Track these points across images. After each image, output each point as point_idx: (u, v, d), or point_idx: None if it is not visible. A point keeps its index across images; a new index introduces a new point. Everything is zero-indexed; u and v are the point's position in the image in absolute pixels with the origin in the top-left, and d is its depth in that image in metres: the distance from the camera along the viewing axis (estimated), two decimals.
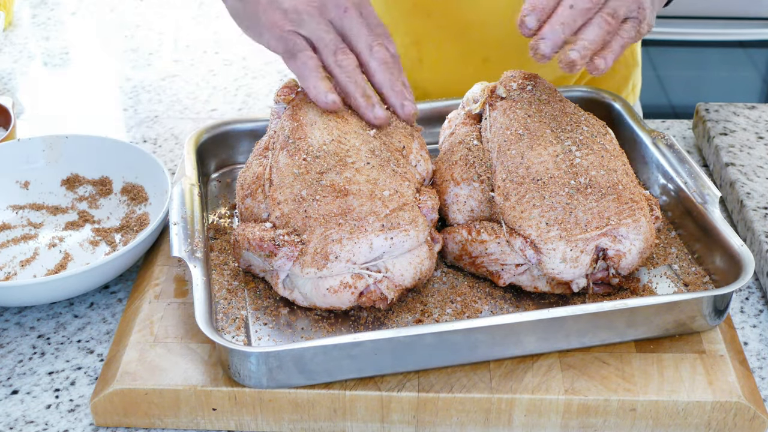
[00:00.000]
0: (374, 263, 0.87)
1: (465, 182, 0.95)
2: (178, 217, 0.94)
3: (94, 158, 1.13)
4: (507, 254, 0.90)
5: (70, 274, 0.91)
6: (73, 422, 0.85)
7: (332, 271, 0.86)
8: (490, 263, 0.92)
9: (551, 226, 0.87)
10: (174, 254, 0.90)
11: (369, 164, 0.89)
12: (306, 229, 0.87)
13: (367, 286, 0.87)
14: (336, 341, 0.80)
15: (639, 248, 0.89)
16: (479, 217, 0.94)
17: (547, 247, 0.87)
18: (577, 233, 0.87)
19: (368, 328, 0.88)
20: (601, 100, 1.16)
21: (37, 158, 1.12)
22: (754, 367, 0.90)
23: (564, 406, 0.81)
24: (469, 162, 0.96)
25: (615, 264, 0.89)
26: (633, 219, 0.89)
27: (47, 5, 1.79)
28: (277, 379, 0.81)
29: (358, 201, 0.87)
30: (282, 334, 0.88)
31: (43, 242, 1.05)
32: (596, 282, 0.91)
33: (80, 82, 1.52)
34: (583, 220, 0.87)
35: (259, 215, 0.92)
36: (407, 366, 0.83)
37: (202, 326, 0.81)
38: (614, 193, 0.89)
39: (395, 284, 0.88)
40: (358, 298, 0.87)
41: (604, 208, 0.88)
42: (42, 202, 1.11)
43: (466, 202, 0.95)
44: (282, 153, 0.92)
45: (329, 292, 0.87)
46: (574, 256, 0.87)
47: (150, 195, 1.08)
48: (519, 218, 0.89)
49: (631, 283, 0.92)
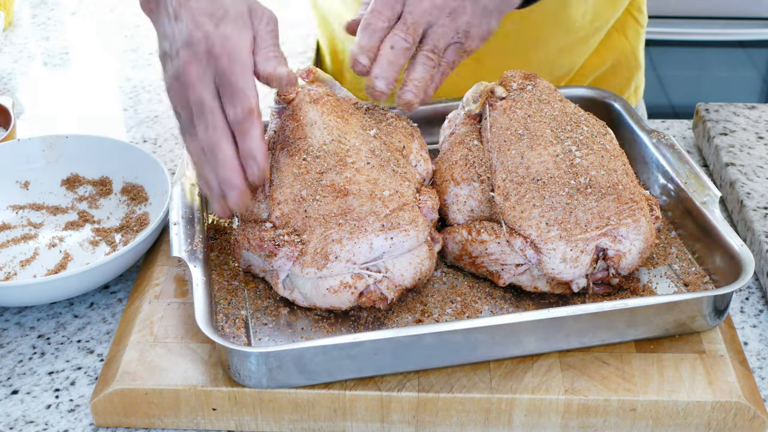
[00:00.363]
0: (374, 263, 0.87)
1: (465, 182, 0.95)
2: (178, 217, 0.94)
3: (94, 158, 1.13)
4: (507, 254, 0.90)
5: (69, 274, 0.91)
6: (73, 422, 0.85)
7: (332, 271, 0.86)
8: (490, 263, 0.92)
9: (551, 226, 0.87)
10: (174, 254, 0.90)
11: (369, 164, 0.89)
12: (306, 229, 0.87)
13: (367, 286, 0.87)
14: (336, 341, 0.80)
15: (639, 248, 0.89)
16: (479, 217, 0.94)
17: (547, 247, 0.87)
18: (577, 233, 0.87)
19: (368, 328, 0.88)
20: (601, 100, 1.16)
21: (37, 158, 1.12)
22: (754, 367, 0.90)
23: (564, 406, 0.81)
24: (469, 162, 0.96)
25: (615, 264, 0.89)
26: (633, 219, 0.89)
27: (47, 5, 1.79)
28: (277, 379, 0.81)
29: (358, 201, 0.87)
30: (282, 334, 0.88)
31: (43, 242, 1.05)
32: (596, 282, 0.91)
33: (80, 82, 1.51)
34: (583, 220, 0.87)
35: (259, 215, 0.92)
36: (407, 366, 0.83)
37: (202, 326, 0.81)
38: (614, 193, 0.89)
39: (395, 284, 0.88)
40: (358, 298, 0.87)
41: (604, 208, 0.88)
42: (42, 202, 1.11)
43: (466, 202, 0.95)
44: (282, 153, 0.92)
45: (329, 292, 0.87)
46: (574, 256, 0.87)
47: (150, 195, 1.08)
48: (519, 218, 0.89)
49: (631, 283, 0.92)
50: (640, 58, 1.38)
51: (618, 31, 1.34)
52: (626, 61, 1.36)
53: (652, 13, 1.49)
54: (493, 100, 0.99)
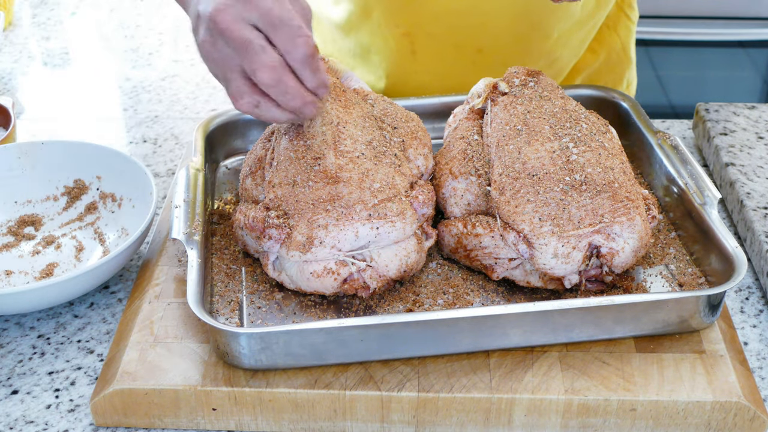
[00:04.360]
0: (360, 252, 0.88)
1: (462, 176, 0.95)
2: (181, 201, 0.95)
3: (71, 163, 1.10)
4: (500, 248, 0.90)
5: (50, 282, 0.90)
6: (73, 422, 0.85)
7: (317, 256, 0.87)
8: (484, 257, 0.92)
9: (544, 222, 0.87)
10: (173, 236, 0.91)
11: (363, 155, 0.91)
12: (295, 213, 0.88)
13: (350, 273, 0.88)
14: (320, 325, 0.81)
15: (633, 247, 0.89)
16: (476, 210, 0.95)
17: (539, 242, 0.87)
18: (570, 229, 0.87)
19: (359, 315, 0.89)
20: (610, 100, 1.16)
21: (13, 166, 1.09)
22: (754, 367, 0.90)
23: (564, 406, 0.81)
24: (467, 156, 0.96)
25: (608, 262, 0.89)
26: (628, 217, 0.88)
27: (47, 5, 1.79)
28: (264, 360, 0.82)
29: (347, 189, 0.88)
30: (274, 318, 0.89)
31: (27, 249, 1.04)
32: (590, 279, 0.91)
33: (80, 82, 1.52)
34: (576, 217, 0.87)
35: (257, 197, 0.94)
36: (394, 353, 0.84)
37: (193, 306, 0.82)
38: (609, 190, 0.89)
39: (379, 274, 0.89)
40: (341, 285, 0.89)
41: (598, 206, 0.88)
42: (25, 210, 1.09)
43: (463, 195, 0.95)
44: (284, 138, 0.94)
45: (313, 276, 0.88)
46: (566, 252, 0.87)
47: (133, 197, 1.06)
48: (513, 213, 0.89)
49: (624, 282, 0.92)
50: (631, 55, 1.40)
51: (610, 28, 1.36)
52: (618, 57, 1.38)
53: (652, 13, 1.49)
54: (495, 96, 0.99)
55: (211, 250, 0.97)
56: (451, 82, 1.22)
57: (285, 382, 0.82)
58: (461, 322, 0.83)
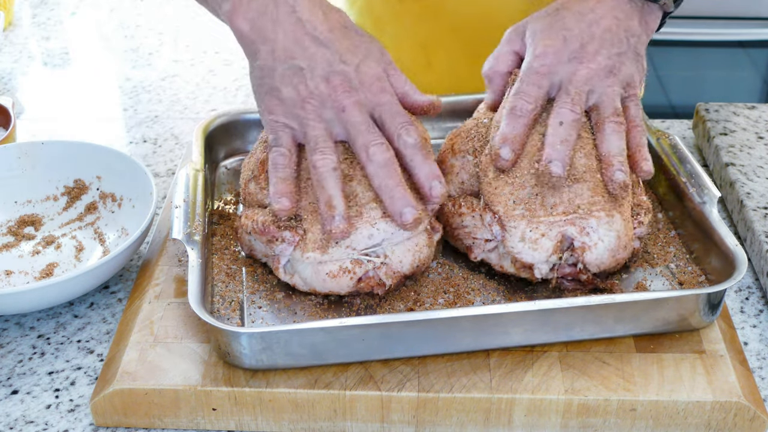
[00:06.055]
0: (374, 249, 0.88)
1: (460, 154, 0.96)
2: (181, 201, 0.95)
3: (71, 163, 1.10)
4: (478, 228, 0.91)
5: (50, 282, 0.90)
6: (73, 422, 0.85)
7: (332, 257, 0.87)
8: (465, 236, 0.93)
9: (518, 205, 0.88)
10: (174, 236, 0.91)
11: None
12: (308, 215, 0.88)
13: (366, 272, 0.88)
14: (321, 325, 0.81)
15: (609, 245, 0.88)
16: (468, 190, 0.95)
17: (509, 225, 0.88)
18: (541, 215, 0.87)
19: (360, 315, 0.89)
20: None
21: (13, 166, 1.09)
22: (754, 367, 0.90)
23: (564, 406, 0.81)
24: (470, 135, 0.96)
25: (579, 256, 0.88)
26: (606, 213, 0.88)
27: (47, 5, 1.79)
28: (265, 360, 0.82)
29: (360, 188, 0.88)
30: (275, 318, 0.89)
31: (27, 249, 1.04)
32: (565, 277, 0.90)
33: (80, 82, 1.52)
34: (549, 203, 0.87)
35: (262, 200, 0.93)
36: (394, 353, 0.83)
37: (194, 307, 0.82)
38: (591, 180, 0.88)
39: (393, 271, 0.89)
40: (356, 284, 0.88)
41: (575, 195, 0.88)
42: (25, 210, 1.09)
43: (458, 173, 0.96)
44: None
45: (329, 276, 0.88)
46: (534, 237, 0.87)
47: (133, 197, 1.06)
48: (492, 194, 0.89)
49: (604, 284, 0.91)
50: None
51: None
52: None
53: None
54: (512, 81, 0.99)
55: (211, 250, 0.97)
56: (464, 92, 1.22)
57: (285, 382, 0.82)
58: (463, 320, 0.83)
